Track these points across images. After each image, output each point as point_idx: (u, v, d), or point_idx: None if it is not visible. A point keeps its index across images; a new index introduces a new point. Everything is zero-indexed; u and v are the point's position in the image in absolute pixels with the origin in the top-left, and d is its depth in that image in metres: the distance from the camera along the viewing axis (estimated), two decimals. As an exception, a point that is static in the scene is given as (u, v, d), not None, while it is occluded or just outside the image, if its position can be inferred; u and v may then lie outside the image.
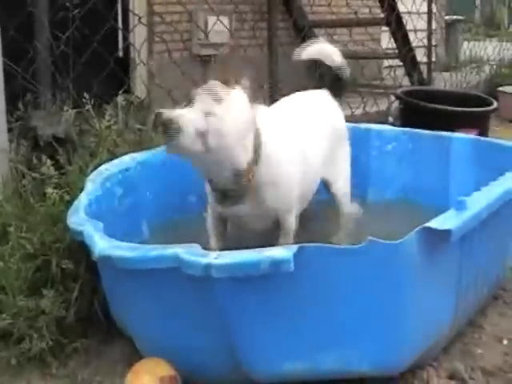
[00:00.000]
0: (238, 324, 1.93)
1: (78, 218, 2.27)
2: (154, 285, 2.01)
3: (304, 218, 2.72)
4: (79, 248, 2.40)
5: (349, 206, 3.02)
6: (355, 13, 6.69)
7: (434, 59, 7.79)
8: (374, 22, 7.47)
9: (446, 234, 1.99)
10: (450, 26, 10.55)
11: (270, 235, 2.53)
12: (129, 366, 2.08)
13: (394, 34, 6.92)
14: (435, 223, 2.01)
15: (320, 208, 3.03)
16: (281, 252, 1.84)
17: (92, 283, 2.43)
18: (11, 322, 2.30)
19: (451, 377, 2.17)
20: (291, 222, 2.52)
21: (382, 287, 1.94)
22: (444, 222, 2.03)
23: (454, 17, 10.83)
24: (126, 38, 5.17)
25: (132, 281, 2.06)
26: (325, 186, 2.97)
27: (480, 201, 2.24)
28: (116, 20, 5.21)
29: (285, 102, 2.94)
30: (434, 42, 7.97)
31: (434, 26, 7.85)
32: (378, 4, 6.97)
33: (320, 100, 3.03)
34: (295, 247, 1.84)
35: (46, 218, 2.58)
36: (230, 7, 5.91)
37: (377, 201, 3.41)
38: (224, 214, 2.51)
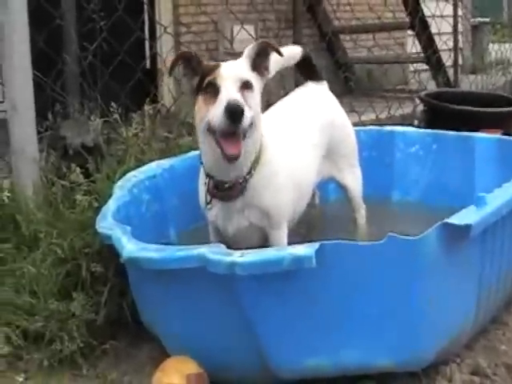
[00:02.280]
0: (262, 321, 1.97)
1: (107, 223, 2.33)
2: (181, 285, 2.06)
3: (317, 218, 2.75)
4: (108, 253, 2.47)
5: (361, 200, 3.04)
6: (379, 18, 6.72)
7: (460, 62, 7.78)
8: (399, 27, 7.49)
9: (465, 229, 2.02)
10: (476, 28, 10.52)
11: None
12: (157, 367, 2.12)
13: (418, 38, 6.94)
14: (455, 219, 2.04)
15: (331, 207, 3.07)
16: (303, 249, 1.88)
17: (121, 287, 2.49)
18: (43, 325, 2.37)
19: (474, 373, 2.19)
20: (280, 236, 2.47)
21: (403, 283, 1.98)
22: (464, 217, 2.06)
23: (481, 19, 10.81)
24: (152, 48, 5.25)
25: (159, 282, 2.12)
26: (336, 184, 3.01)
27: (500, 197, 2.27)
28: (143, 31, 5.29)
29: (284, 103, 2.92)
30: (460, 45, 7.97)
31: (459, 28, 7.84)
32: (403, 8, 6.98)
33: (318, 96, 2.98)
34: (317, 244, 1.89)
35: (76, 224, 2.66)
36: (254, 16, 5.96)
37: (401, 202, 3.44)
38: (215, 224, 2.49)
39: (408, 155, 3.52)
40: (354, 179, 3.01)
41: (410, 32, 7.48)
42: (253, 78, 2.27)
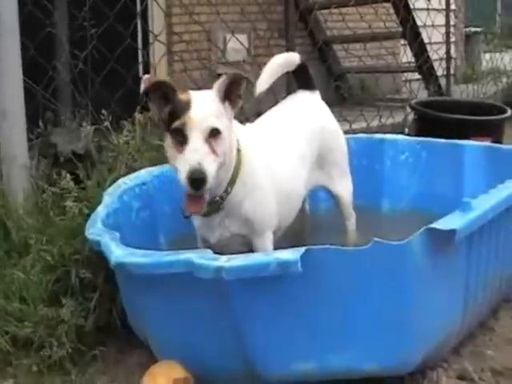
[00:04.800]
0: (249, 325, 1.99)
1: (96, 229, 2.35)
2: (168, 290, 2.08)
3: (307, 226, 2.76)
4: (97, 259, 2.48)
5: (351, 208, 3.04)
6: (369, 26, 6.76)
7: (452, 71, 7.82)
8: (391, 36, 7.52)
9: (450, 234, 2.04)
10: (468, 37, 10.57)
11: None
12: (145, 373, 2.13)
13: (410, 47, 6.98)
14: (440, 224, 2.06)
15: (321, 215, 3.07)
16: (288, 254, 1.90)
17: (110, 293, 2.50)
18: (32, 331, 2.38)
19: (461, 377, 2.21)
20: (264, 243, 2.47)
21: (389, 287, 1.99)
22: (449, 222, 2.09)
23: (473, 29, 10.86)
24: (144, 56, 5.26)
25: (147, 287, 2.13)
26: (326, 192, 3.03)
27: (486, 202, 2.29)
28: (135, 39, 5.31)
29: (273, 112, 2.92)
30: (453, 54, 8.01)
31: (452, 38, 7.89)
32: (395, 18, 7.02)
33: (309, 104, 2.98)
34: (302, 249, 1.90)
35: (66, 230, 2.67)
36: (247, 25, 5.99)
37: (391, 209, 3.46)
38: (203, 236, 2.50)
39: (398, 163, 3.55)
40: (344, 187, 3.02)
41: (402, 41, 7.52)
42: (222, 116, 2.23)
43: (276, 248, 2.44)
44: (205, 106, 2.20)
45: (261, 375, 2.04)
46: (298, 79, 3.02)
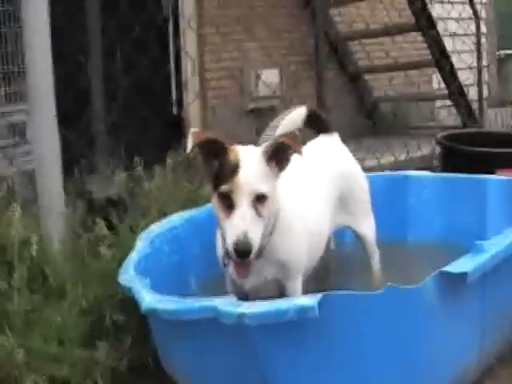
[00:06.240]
0: (271, 367, 2.11)
1: (128, 276, 2.49)
2: (195, 334, 2.21)
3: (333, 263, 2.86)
4: (131, 303, 2.60)
5: (375, 246, 3.12)
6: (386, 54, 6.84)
7: (485, 96, 7.86)
8: (421, 65, 7.59)
9: (462, 276, 2.16)
10: (503, 60, 10.57)
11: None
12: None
13: (441, 75, 7.04)
14: (451, 267, 2.18)
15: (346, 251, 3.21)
16: (306, 300, 2.03)
17: (143, 335, 2.63)
18: (69, 372, 2.51)
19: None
20: (295, 287, 2.54)
21: (403, 330, 2.11)
22: (460, 265, 2.21)
23: (507, 51, 10.87)
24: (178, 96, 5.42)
25: (176, 331, 2.27)
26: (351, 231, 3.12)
27: (498, 244, 2.40)
28: (169, 79, 5.47)
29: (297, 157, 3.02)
30: (486, 79, 8.05)
31: (484, 62, 7.92)
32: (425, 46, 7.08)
33: (329, 148, 3.06)
34: (320, 295, 2.02)
35: (100, 275, 2.81)
36: (278, 59, 6.12)
37: (416, 244, 3.54)
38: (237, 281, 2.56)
39: (422, 199, 3.63)
40: (367, 226, 3.10)
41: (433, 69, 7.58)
42: (268, 178, 2.30)
43: (304, 289, 2.56)
44: (252, 170, 2.27)
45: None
46: (313, 127, 3.11)
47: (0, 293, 2.78)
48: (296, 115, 3.00)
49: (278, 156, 2.34)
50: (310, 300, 2.02)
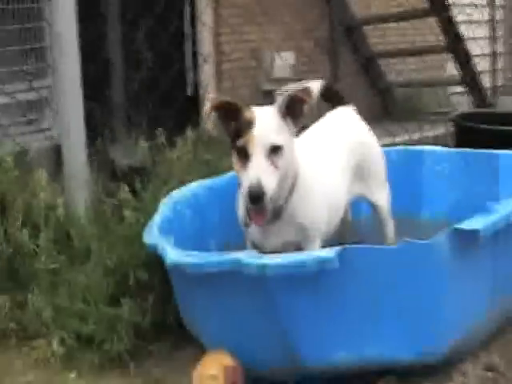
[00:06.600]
0: (291, 319, 2.21)
1: (153, 234, 2.59)
2: (218, 287, 2.31)
3: (350, 233, 2.99)
4: (153, 263, 2.72)
5: (389, 216, 3.19)
6: (414, 41, 6.87)
7: (499, 83, 7.90)
8: (435, 50, 7.62)
9: (474, 233, 2.25)
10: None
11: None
12: (197, 367, 2.36)
13: (456, 60, 7.08)
14: (464, 224, 2.28)
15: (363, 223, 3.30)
16: (326, 252, 2.14)
17: (165, 294, 2.72)
18: (94, 328, 2.62)
19: (488, 369, 2.38)
20: (314, 249, 2.57)
21: (418, 282, 2.21)
22: (473, 223, 2.30)
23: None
24: (194, 76, 5.48)
25: (199, 285, 2.36)
26: (366, 201, 3.18)
27: (507, 206, 2.48)
28: (183, 60, 5.55)
29: (315, 128, 3.07)
30: (500, 66, 8.08)
31: (499, 50, 7.95)
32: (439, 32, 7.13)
33: (346, 120, 3.14)
34: (339, 248, 2.13)
35: (124, 238, 2.92)
36: (293, 43, 6.18)
37: (430, 219, 3.61)
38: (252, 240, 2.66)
39: (436, 173, 3.70)
40: (382, 196, 3.16)
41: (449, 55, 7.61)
42: (283, 131, 2.41)
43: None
44: (266, 124, 2.38)
45: (303, 366, 2.25)
46: (329, 101, 3.17)
47: (28, 253, 2.89)
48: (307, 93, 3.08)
49: (292, 110, 2.44)
50: (330, 252, 2.13)
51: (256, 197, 2.28)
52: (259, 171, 2.31)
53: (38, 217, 3.00)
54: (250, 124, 2.37)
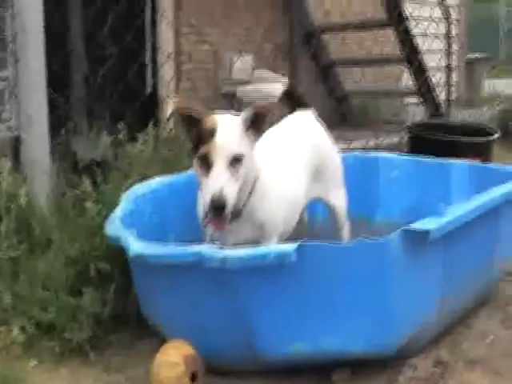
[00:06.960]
0: (250, 310, 2.28)
1: (115, 226, 2.63)
2: (180, 278, 2.37)
3: (306, 234, 3.02)
4: (114, 255, 2.76)
5: (345, 218, 3.28)
6: (370, 52, 7.00)
7: (453, 96, 8.08)
8: (392, 60, 7.76)
9: (425, 233, 2.37)
10: (471, 63, 10.80)
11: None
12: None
13: (411, 72, 7.22)
14: (416, 225, 2.40)
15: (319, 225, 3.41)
16: (285, 246, 2.23)
17: (125, 285, 2.77)
18: (55, 317, 2.65)
19: (437, 364, 2.48)
20: None
21: (371, 279, 2.31)
22: (424, 224, 2.42)
23: (477, 55, 11.12)
24: (154, 75, 5.52)
25: (161, 276, 2.42)
26: (322, 203, 3.27)
27: (458, 210, 2.62)
28: (144, 58, 5.57)
29: (274, 130, 3.10)
30: (454, 80, 8.26)
31: (454, 63, 8.13)
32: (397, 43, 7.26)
33: (305, 122, 3.21)
34: (297, 243, 2.21)
35: (85, 229, 2.95)
36: (253, 46, 6.25)
37: (383, 222, 3.71)
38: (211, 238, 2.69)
39: (390, 178, 3.81)
40: (339, 198, 3.25)
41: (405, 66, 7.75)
42: (244, 142, 2.46)
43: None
44: (229, 133, 2.43)
45: (261, 357, 2.32)
46: (290, 103, 3.25)
47: (-12, 241, 2.91)
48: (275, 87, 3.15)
49: (255, 122, 2.50)
50: (289, 246, 2.21)
51: (218, 207, 2.34)
52: (221, 181, 2.36)
53: (-1, 206, 3.02)
54: (212, 132, 2.41)
